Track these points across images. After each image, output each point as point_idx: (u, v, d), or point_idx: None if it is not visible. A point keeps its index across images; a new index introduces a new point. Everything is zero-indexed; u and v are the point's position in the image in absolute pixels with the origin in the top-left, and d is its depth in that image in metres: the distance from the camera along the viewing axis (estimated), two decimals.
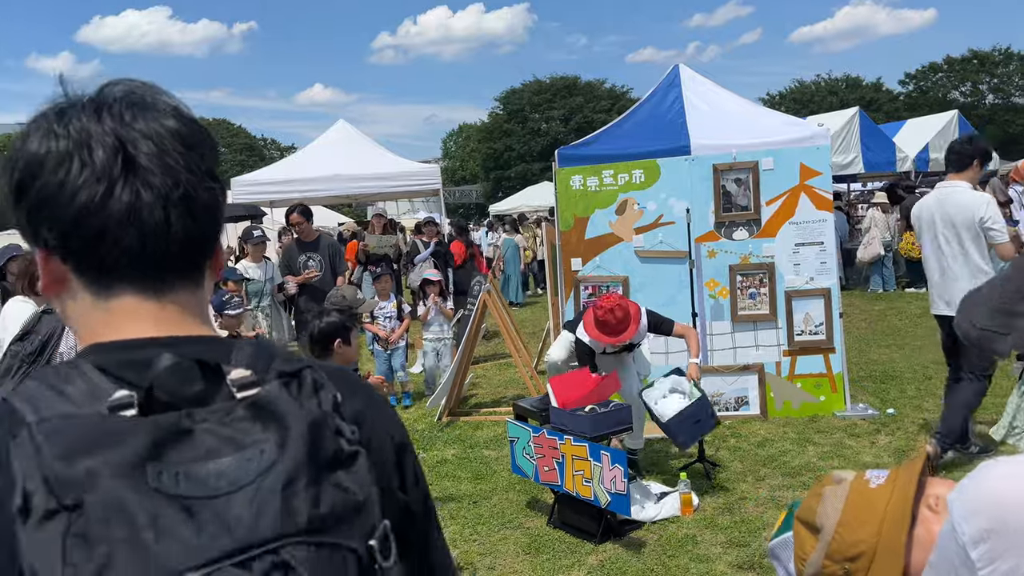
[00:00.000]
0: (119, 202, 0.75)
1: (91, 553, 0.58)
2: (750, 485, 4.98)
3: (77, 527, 0.59)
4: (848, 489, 1.27)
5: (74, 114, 0.78)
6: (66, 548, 0.58)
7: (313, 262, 7.36)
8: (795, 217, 6.26)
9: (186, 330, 0.81)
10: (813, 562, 1.28)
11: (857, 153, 12.88)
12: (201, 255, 0.83)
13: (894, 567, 1.17)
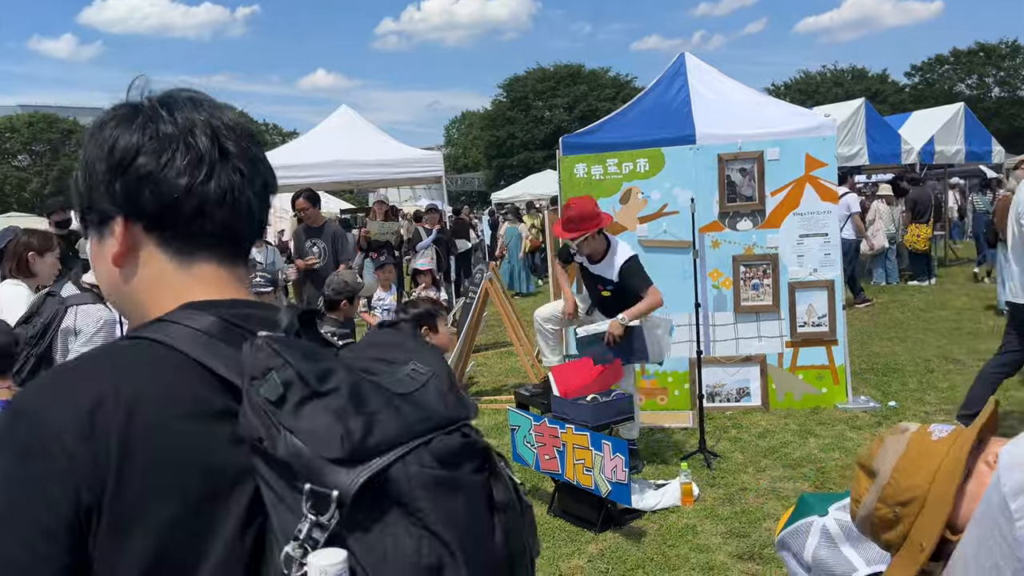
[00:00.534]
0: (217, 184, 0.88)
1: (357, 418, 0.74)
2: (751, 476, 4.98)
3: (337, 403, 0.74)
4: (909, 438, 1.31)
5: (176, 105, 0.91)
6: (338, 415, 0.74)
7: (317, 248, 7.33)
8: (800, 208, 6.23)
9: (246, 296, 0.94)
10: (866, 504, 1.31)
11: (862, 145, 12.80)
12: (260, 235, 0.98)
13: (941, 515, 1.20)
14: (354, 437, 0.73)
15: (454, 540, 0.74)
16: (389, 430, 0.75)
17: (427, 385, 0.82)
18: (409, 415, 0.77)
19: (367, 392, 0.77)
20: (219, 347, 0.82)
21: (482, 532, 0.78)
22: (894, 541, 1.27)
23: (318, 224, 7.53)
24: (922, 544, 1.20)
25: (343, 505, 0.71)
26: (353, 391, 0.76)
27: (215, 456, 0.78)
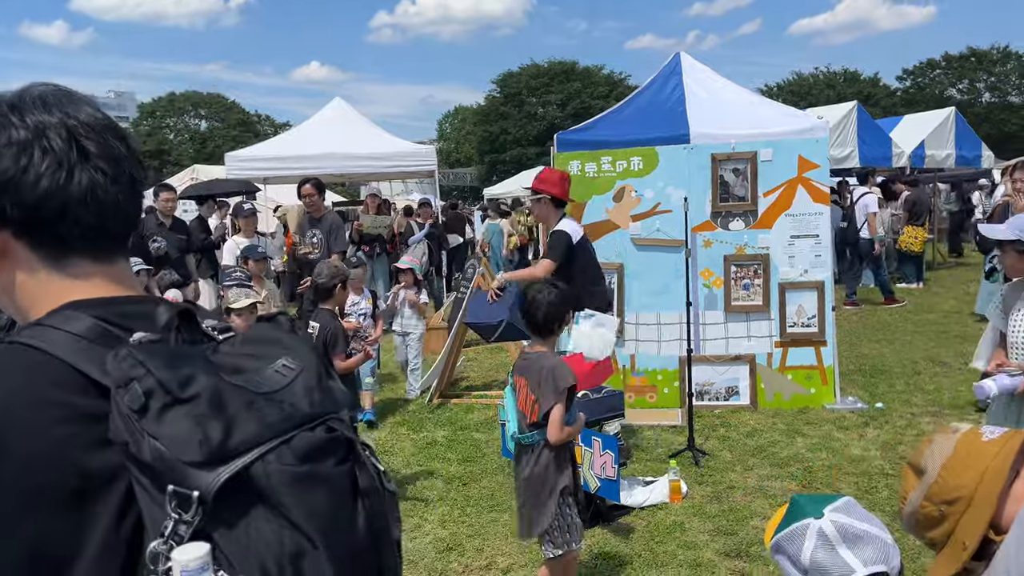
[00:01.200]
0: (79, 185, 0.89)
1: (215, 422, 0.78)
2: (738, 474, 5.01)
3: (197, 409, 0.78)
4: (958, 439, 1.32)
5: (26, 108, 0.90)
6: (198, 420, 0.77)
7: (315, 239, 7.34)
8: (792, 209, 6.27)
9: (131, 292, 0.96)
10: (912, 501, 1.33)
11: (854, 147, 12.86)
12: (134, 228, 1.00)
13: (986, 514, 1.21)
14: (212, 441, 0.77)
15: (315, 530, 0.79)
16: (248, 431, 0.79)
17: (294, 382, 0.86)
18: (270, 415, 0.81)
19: (227, 395, 0.81)
20: (94, 350, 0.84)
21: (344, 520, 0.84)
22: (938, 539, 1.28)
23: (319, 214, 7.54)
24: (965, 543, 1.21)
25: (205, 503, 0.76)
26: (213, 396, 0.80)
27: (87, 457, 0.81)
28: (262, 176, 12.25)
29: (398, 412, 6.81)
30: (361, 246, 10.18)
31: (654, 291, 6.41)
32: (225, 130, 56.62)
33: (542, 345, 3.28)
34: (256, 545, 0.77)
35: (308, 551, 0.79)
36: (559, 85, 50.21)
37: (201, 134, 58.29)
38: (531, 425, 3.14)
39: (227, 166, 11.78)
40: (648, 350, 6.47)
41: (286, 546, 0.78)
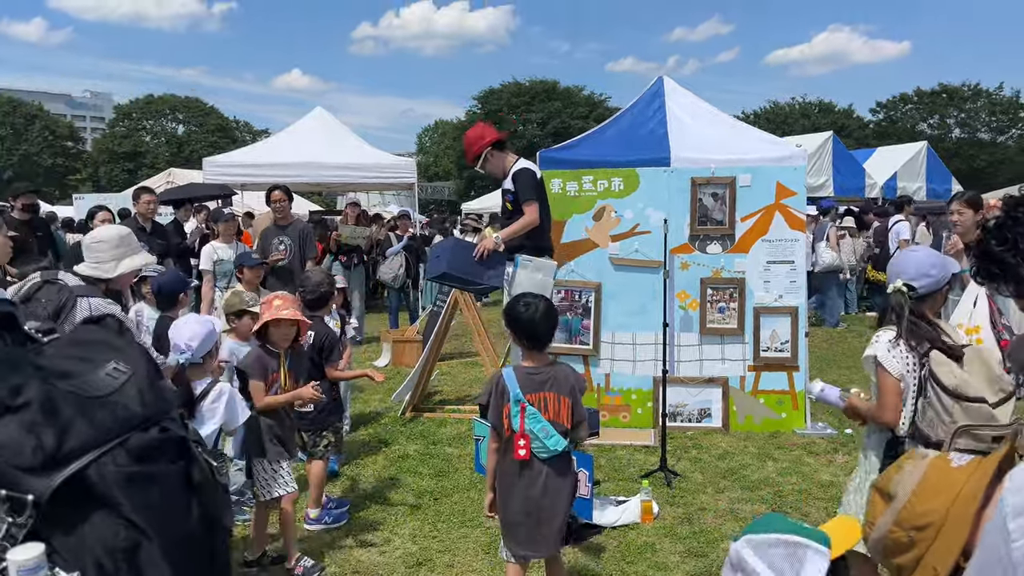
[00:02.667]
0: None
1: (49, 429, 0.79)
2: (710, 496, 5.03)
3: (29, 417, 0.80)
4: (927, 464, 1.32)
5: None
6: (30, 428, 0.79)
7: (283, 245, 7.32)
8: (768, 235, 6.35)
9: None
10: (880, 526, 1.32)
11: (828, 176, 13.11)
12: None
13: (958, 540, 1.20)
14: (47, 447, 0.81)
15: (149, 524, 0.83)
16: (83, 436, 0.83)
17: (126, 384, 0.90)
18: (103, 419, 0.85)
19: (60, 401, 0.84)
20: None
21: (178, 513, 0.89)
22: (906, 565, 1.28)
23: (287, 221, 7.54)
24: (936, 569, 1.21)
25: (39, 506, 0.79)
26: (45, 403, 0.83)
27: None
28: (239, 182, 12.17)
29: (370, 425, 6.75)
30: (338, 256, 10.13)
31: (631, 311, 6.44)
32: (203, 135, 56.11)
33: (540, 358, 3.29)
34: (91, 542, 0.81)
35: (143, 544, 0.83)
36: (540, 104, 50.51)
37: (178, 138, 57.70)
38: (565, 433, 3.20)
39: (205, 171, 11.69)
40: (623, 369, 6.50)
41: (121, 541, 0.82)
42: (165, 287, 4.83)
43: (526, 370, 3.26)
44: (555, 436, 3.16)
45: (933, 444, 2.72)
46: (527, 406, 3.16)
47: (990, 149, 48.50)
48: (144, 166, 50.86)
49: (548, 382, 3.20)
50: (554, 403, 3.19)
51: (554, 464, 3.20)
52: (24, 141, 54.17)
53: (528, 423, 3.16)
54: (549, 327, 3.27)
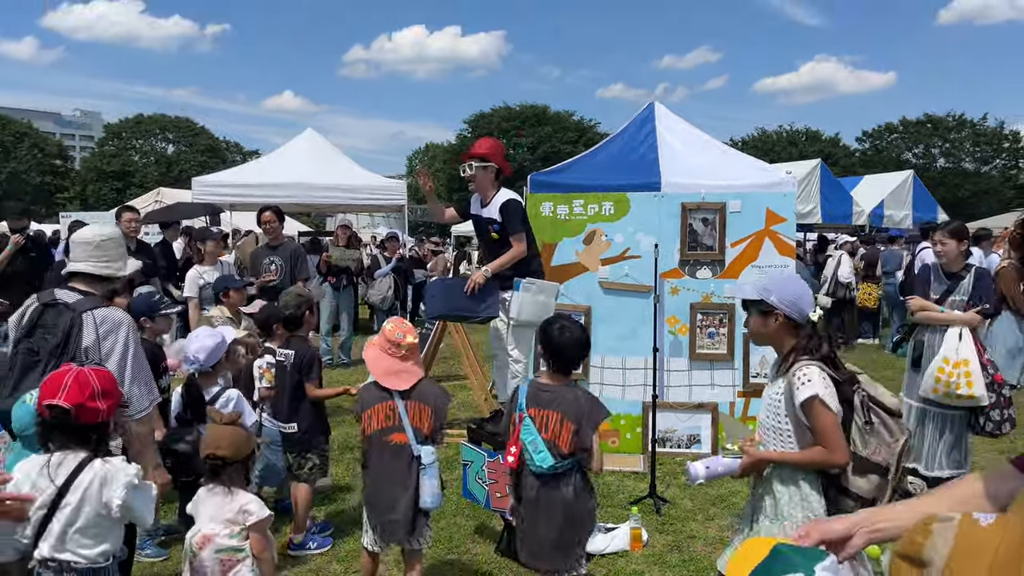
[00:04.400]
0: None
1: None
2: (699, 524, 4.98)
3: None
4: (957, 526, 1.28)
5: None
6: None
7: (274, 266, 7.26)
8: (758, 260, 6.35)
9: None
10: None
11: (816, 204, 13.19)
12: None
13: None
14: None
15: None
16: None
17: None
18: None
19: None
20: None
21: None
22: None
23: (278, 242, 7.49)
24: None
25: None
26: None
27: None
28: (228, 202, 12.12)
29: (356, 448, 6.66)
30: (328, 277, 10.08)
31: (620, 335, 6.42)
32: (192, 155, 56.09)
33: (559, 378, 3.33)
34: None
35: None
36: (530, 128, 50.84)
37: (167, 158, 57.65)
38: (567, 455, 3.21)
39: (194, 191, 11.65)
40: (612, 394, 6.45)
41: None
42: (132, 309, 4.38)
43: (539, 385, 3.34)
44: (544, 453, 3.18)
45: (882, 469, 2.67)
46: (525, 417, 3.24)
47: (974, 179, 49.13)
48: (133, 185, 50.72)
49: (555, 402, 3.24)
50: (555, 424, 3.21)
51: (545, 481, 3.22)
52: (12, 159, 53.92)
53: (522, 433, 3.23)
54: (577, 354, 3.32)
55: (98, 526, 2.40)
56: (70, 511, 2.38)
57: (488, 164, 5.35)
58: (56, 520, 2.36)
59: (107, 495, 2.40)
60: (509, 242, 5.39)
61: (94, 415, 2.44)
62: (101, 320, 3.04)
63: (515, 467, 3.26)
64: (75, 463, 2.41)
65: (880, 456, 2.67)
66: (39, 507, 2.36)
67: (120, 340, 3.04)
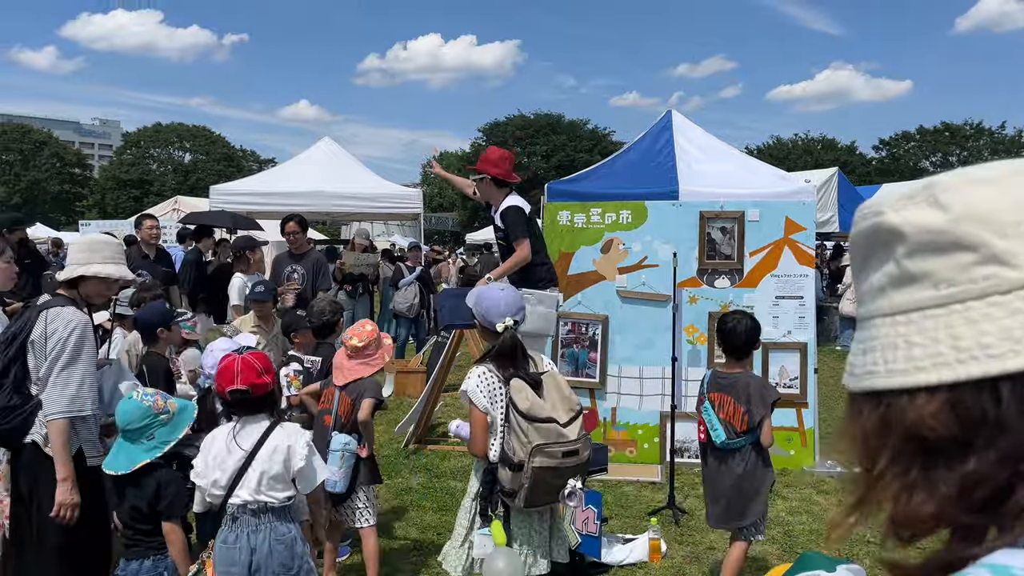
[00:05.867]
0: None
1: None
2: (718, 535, 4.92)
3: None
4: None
5: None
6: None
7: (296, 275, 7.23)
8: (777, 270, 6.31)
9: None
10: None
11: (834, 212, 13.10)
12: None
13: None
14: None
15: None
16: None
17: None
18: None
19: None
20: None
21: None
22: None
23: (302, 250, 7.44)
24: None
25: None
26: None
27: None
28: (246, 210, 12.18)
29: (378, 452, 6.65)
30: (344, 285, 10.09)
31: (638, 345, 6.39)
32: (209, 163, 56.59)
33: (737, 366, 3.85)
34: None
35: None
36: (544, 137, 50.89)
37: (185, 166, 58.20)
38: (740, 433, 3.69)
39: (211, 199, 11.71)
40: (629, 404, 6.42)
41: None
42: (142, 320, 4.45)
43: (718, 373, 3.92)
44: (719, 430, 3.73)
45: (516, 465, 3.00)
46: (705, 400, 3.83)
47: None
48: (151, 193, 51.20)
49: (731, 388, 3.76)
50: (729, 406, 3.74)
51: (722, 455, 3.77)
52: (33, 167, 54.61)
53: (703, 414, 3.84)
54: (747, 342, 3.81)
55: (284, 477, 2.92)
56: (264, 464, 2.87)
57: (482, 176, 5.31)
58: (252, 471, 2.86)
59: (291, 454, 2.91)
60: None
61: (263, 388, 2.95)
62: (52, 317, 3.11)
63: (704, 441, 3.82)
64: (259, 428, 2.93)
65: (517, 454, 3.00)
66: (232, 464, 2.87)
67: (62, 339, 3.07)
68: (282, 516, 2.92)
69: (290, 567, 2.88)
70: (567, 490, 3.12)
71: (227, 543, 2.86)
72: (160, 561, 3.04)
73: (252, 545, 2.84)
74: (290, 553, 2.89)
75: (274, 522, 2.89)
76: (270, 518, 2.88)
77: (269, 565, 2.83)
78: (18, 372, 3.11)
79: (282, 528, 2.89)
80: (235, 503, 2.88)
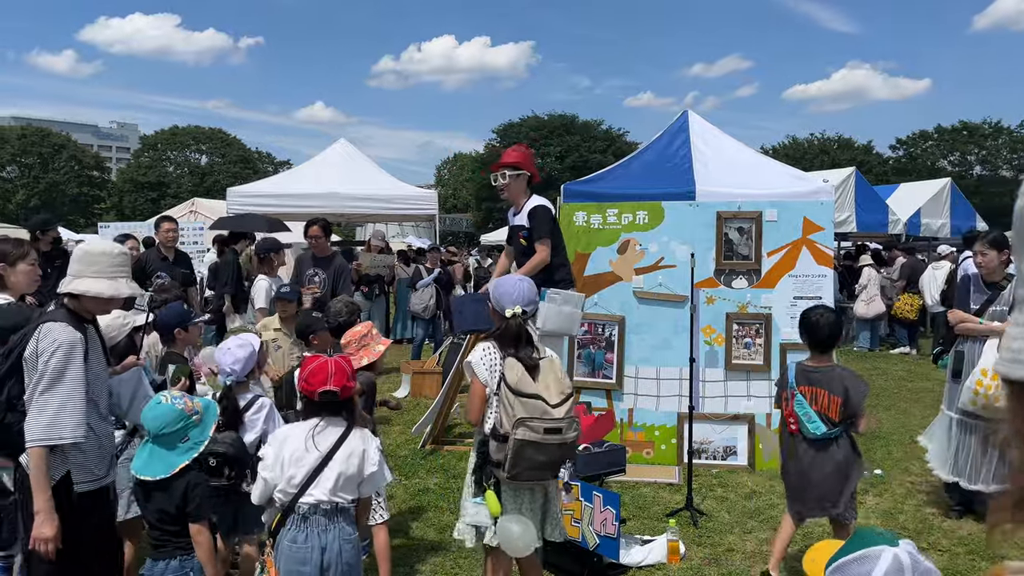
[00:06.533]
0: None
1: None
2: (737, 537, 4.91)
3: None
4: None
5: None
6: None
7: (318, 278, 7.24)
8: (795, 270, 6.27)
9: None
10: None
11: (851, 212, 13.00)
12: None
13: None
14: None
15: None
16: None
17: None
18: None
19: None
20: None
21: None
22: None
23: (325, 254, 7.43)
24: None
25: None
26: None
27: None
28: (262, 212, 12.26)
29: (390, 457, 6.67)
30: (360, 287, 10.13)
31: (654, 345, 6.37)
32: (225, 166, 56.96)
33: (825, 359, 4.06)
34: None
35: None
36: (558, 138, 50.83)
37: (201, 168, 58.60)
38: (836, 423, 3.91)
39: (228, 201, 11.80)
40: (646, 405, 6.40)
41: None
42: (160, 321, 4.44)
43: (806, 367, 4.07)
44: (816, 423, 3.93)
45: (502, 437, 3.18)
46: (796, 394, 3.99)
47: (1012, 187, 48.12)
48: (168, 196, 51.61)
49: (824, 381, 3.95)
50: (824, 398, 3.92)
51: (818, 446, 3.95)
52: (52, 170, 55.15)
53: (795, 407, 3.99)
54: (831, 335, 4.04)
55: (356, 480, 3.01)
56: (341, 465, 2.95)
57: (520, 172, 5.32)
58: (330, 471, 2.93)
59: (365, 459, 3.01)
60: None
61: (350, 391, 3.07)
62: (44, 334, 2.92)
63: (795, 432, 4.00)
64: (337, 431, 3.01)
65: (504, 426, 3.17)
66: (310, 463, 2.95)
67: (45, 360, 2.88)
68: (348, 517, 3.02)
69: (354, 566, 3.00)
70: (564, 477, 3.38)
71: (296, 542, 2.91)
72: (187, 562, 3.05)
73: (323, 544, 2.92)
74: (355, 552, 3.01)
75: (342, 523, 2.97)
76: (339, 519, 2.97)
77: (339, 564, 2.93)
78: (12, 389, 2.95)
79: (348, 528, 2.99)
80: (307, 502, 2.93)
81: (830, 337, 4.03)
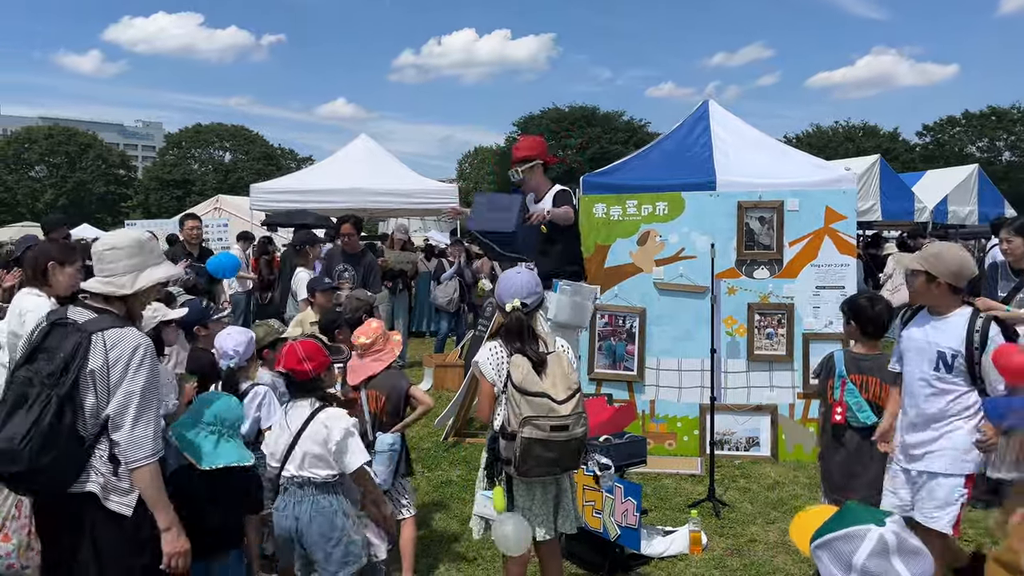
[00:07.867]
0: None
1: None
2: (760, 527, 4.90)
3: None
4: None
5: None
6: None
7: (348, 274, 7.33)
8: (817, 260, 6.23)
9: None
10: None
11: (876, 200, 12.83)
12: None
13: None
14: None
15: None
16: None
17: None
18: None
19: None
20: None
21: None
22: None
23: (356, 251, 7.52)
24: None
25: None
26: None
27: None
28: (285, 208, 12.38)
29: (412, 450, 6.72)
30: (384, 282, 10.19)
31: (676, 337, 6.36)
32: (249, 162, 57.38)
33: (875, 347, 4.10)
34: None
35: None
36: (579, 130, 50.61)
37: (225, 165, 59.13)
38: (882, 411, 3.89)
39: (252, 197, 11.92)
40: (668, 396, 6.40)
41: None
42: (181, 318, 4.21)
43: (855, 355, 4.09)
44: (867, 411, 3.93)
45: (510, 435, 3.16)
46: (847, 382, 3.98)
47: None
48: (193, 193, 52.14)
49: (875, 369, 3.96)
50: (875, 386, 3.94)
51: (866, 433, 3.91)
52: (79, 169, 55.93)
53: (846, 396, 3.98)
54: (883, 323, 4.08)
55: (324, 456, 3.19)
56: (306, 444, 3.19)
57: (534, 163, 5.34)
58: (298, 448, 3.20)
59: (328, 437, 3.17)
60: (557, 239, 5.32)
61: (304, 374, 3.25)
62: (113, 343, 2.58)
63: (842, 423, 3.99)
64: (306, 409, 3.25)
65: (512, 425, 3.16)
66: (284, 441, 3.24)
67: (131, 370, 2.58)
68: (325, 490, 3.22)
69: (328, 537, 3.18)
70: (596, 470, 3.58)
71: (278, 510, 3.27)
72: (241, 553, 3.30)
73: (296, 514, 3.20)
74: (329, 524, 3.19)
75: (316, 495, 3.21)
76: (312, 491, 3.21)
77: (309, 532, 3.18)
78: (73, 412, 2.54)
79: (324, 501, 3.21)
80: (285, 476, 3.25)
81: (878, 325, 4.05)
